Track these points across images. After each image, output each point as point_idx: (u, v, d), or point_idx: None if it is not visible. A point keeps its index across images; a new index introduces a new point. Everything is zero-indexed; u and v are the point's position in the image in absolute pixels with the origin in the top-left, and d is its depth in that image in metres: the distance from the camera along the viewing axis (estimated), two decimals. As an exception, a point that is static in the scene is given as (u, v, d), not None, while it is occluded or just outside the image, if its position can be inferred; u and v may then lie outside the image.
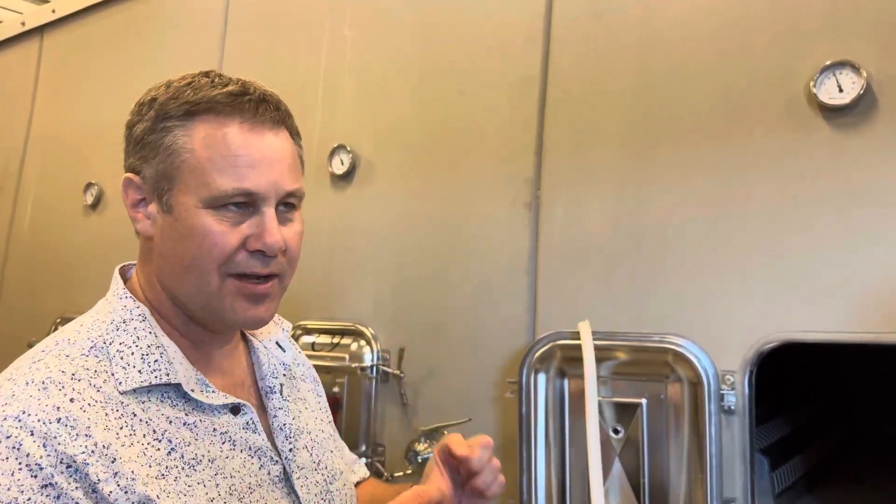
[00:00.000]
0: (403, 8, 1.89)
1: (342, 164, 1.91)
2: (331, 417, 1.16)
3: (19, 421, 0.78)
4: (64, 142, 2.75)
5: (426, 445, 1.65)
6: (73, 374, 0.84)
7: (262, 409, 0.99)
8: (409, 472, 1.65)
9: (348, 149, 1.90)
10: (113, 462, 0.80)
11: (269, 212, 0.89)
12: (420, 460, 1.63)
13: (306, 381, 1.12)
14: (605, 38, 1.58)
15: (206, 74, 0.91)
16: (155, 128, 0.88)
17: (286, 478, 0.95)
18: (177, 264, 0.88)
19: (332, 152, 1.92)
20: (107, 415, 0.83)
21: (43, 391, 0.81)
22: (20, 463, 0.76)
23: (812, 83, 1.31)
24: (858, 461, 2.04)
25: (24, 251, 2.83)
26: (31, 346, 2.51)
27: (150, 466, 0.83)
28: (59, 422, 0.79)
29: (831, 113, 1.31)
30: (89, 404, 0.82)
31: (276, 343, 1.07)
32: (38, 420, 0.78)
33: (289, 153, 0.92)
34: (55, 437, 0.78)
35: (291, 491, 0.95)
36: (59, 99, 2.82)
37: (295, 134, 0.96)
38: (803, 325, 1.31)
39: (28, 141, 2.89)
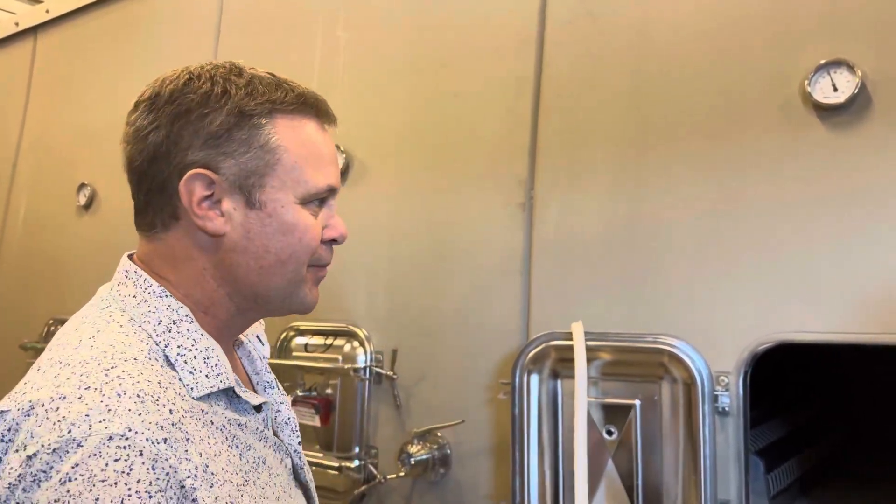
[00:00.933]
0: (397, 9, 1.89)
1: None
2: None
3: (126, 440, 0.70)
4: (58, 142, 2.73)
5: (419, 447, 1.64)
6: (160, 382, 0.78)
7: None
8: (402, 474, 1.64)
9: (342, 149, 1.89)
10: (212, 487, 0.76)
11: (334, 205, 0.95)
12: (413, 462, 1.62)
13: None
14: (599, 39, 1.58)
15: (242, 68, 0.91)
16: (241, 124, 0.86)
17: (295, 471, 0.96)
18: (271, 259, 0.88)
19: (326, 152, 1.91)
20: (195, 424, 0.79)
21: (141, 405, 0.74)
22: (129, 489, 0.69)
23: (807, 82, 1.31)
24: (856, 463, 2.04)
25: (16, 252, 2.81)
26: (24, 347, 2.51)
27: (237, 474, 0.81)
28: (165, 442, 0.73)
29: (826, 112, 1.30)
30: (183, 416, 0.77)
31: (257, 337, 1.07)
32: (147, 440, 0.72)
33: None
34: (166, 460, 0.72)
35: (299, 483, 0.97)
36: (53, 99, 2.81)
37: None
38: (798, 326, 1.30)
39: (21, 141, 2.88)
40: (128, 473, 0.69)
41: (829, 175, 1.30)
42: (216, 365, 0.85)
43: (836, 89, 1.28)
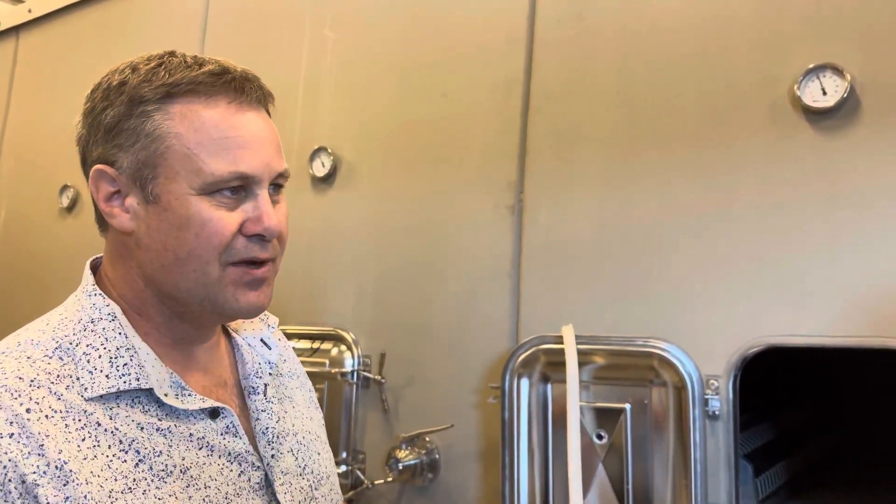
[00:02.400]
0: (385, 9, 1.87)
1: (323, 166, 1.89)
2: (321, 416, 1.10)
3: None
4: (40, 143, 2.70)
5: (407, 452, 1.62)
6: (33, 381, 0.78)
7: (245, 409, 0.94)
8: (389, 479, 1.63)
9: (329, 151, 1.88)
10: (66, 485, 0.74)
11: (264, 194, 0.85)
12: (401, 467, 1.60)
13: (294, 378, 1.07)
14: (588, 41, 1.57)
15: (173, 54, 0.86)
16: (131, 113, 0.82)
17: (268, 484, 0.90)
18: (170, 257, 0.83)
19: (313, 154, 1.90)
20: (67, 426, 0.77)
21: None
22: None
23: (796, 86, 1.31)
24: (844, 467, 2.04)
25: (-3, 255, 2.77)
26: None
27: (116, 480, 0.78)
28: (10, 437, 0.74)
29: (815, 116, 1.31)
30: (47, 416, 0.77)
31: (262, 340, 1.01)
32: None
33: (274, 133, 0.89)
34: (5, 453, 0.73)
35: (273, 498, 0.90)
36: (35, 99, 2.77)
37: (270, 115, 0.92)
38: (787, 330, 1.30)
39: (2, 142, 2.84)
40: None
41: (818, 178, 1.30)
42: (124, 365, 0.82)
43: (824, 93, 1.29)
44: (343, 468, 1.73)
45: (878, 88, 1.27)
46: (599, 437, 1.41)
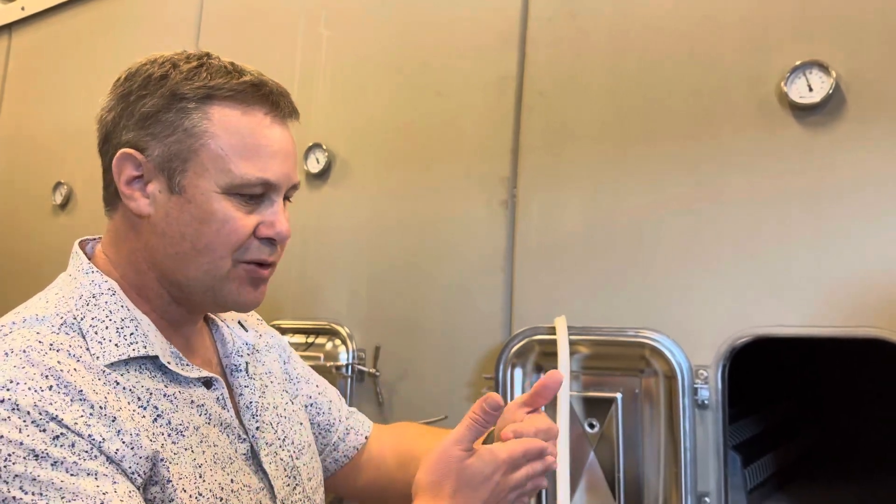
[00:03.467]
0: (379, 8, 1.90)
1: (318, 162, 1.90)
2: (308, 375, 1.17)
3: (7, 390, 0.74)
4: (33, 141, 2.70)
5: (402, 444, 1.64)
6: (52, 344, 0.81)
7: (229, 387, 0.98)
8: (384, 471, 1.64)
9: (324, 147, 1.90)
10: (114, 420, 0.78)
11: (280, 202, 0.91)
12: (395, 459, 1.62)
13: (271, 352, 1.12)
14: (580, 39, 1.60)
15: (210, 56, 0.91)
16: (170, 107, 0.87)
17: (254, 455, 0.95)
18: (186, 247, 0.87)
19: (308, 151, 1.91)
20: (93, 380, 0.81)
21: (26, 359, 0.78)
22: (24, 421, 0.73)
23: (783, 83, 1.34)
24: (832, 458, 2.08)
25: (-11, 252, 2.76)
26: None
27: (143, 430, 0.82)
28: (50, 389, 0.76)
29: (801, 112, 1.34)
30: (75, 369, 0.80)
31: (239, 323, 1.07)
32: (29, 388, 0.76)
33: (295, 147, 0.95)
34: (50, 404, 0.75)
35: (259, 468, 0.95)
36: (28, 97, 2.77)
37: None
38: (775, 320, 1.33)
39: (-5, 140, 2.84)
40: (17, 410, 0.74)
41: (805, 172, 1.33)
42: (130, 334, 0.86)
43: (811, 89, 1.32)
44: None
45: (862, 85, 1.30)
46: (591, 426, 1.43)
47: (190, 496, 0.83)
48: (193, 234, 0.87)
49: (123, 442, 0.78)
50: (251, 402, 0.98)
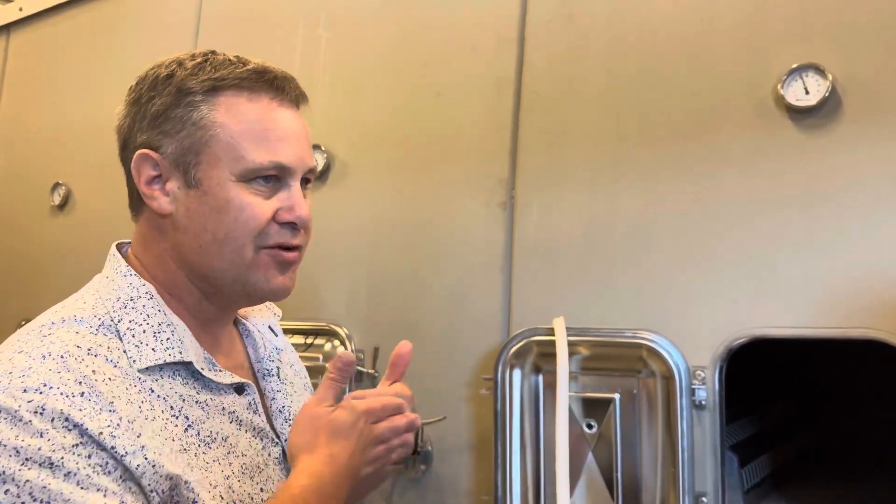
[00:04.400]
0: (378, 9, 1.90)
1: (316, 163, 1.91)
2: None
3: (41, 394, 0.75)
4: (31, 141, 2.70)
5: (400, 444, 1.64)
6: (90, 350, 0.82)
7: (259, 391, 0.99)
8: (382, 471, 1.65)
9: (323, 148, 1.90)
10: (139, 436, 0.78)
11: (297, 186, 0.92)
12: (394, 459, 1.62)
13: (290, 367, 1.13)
14: (578, 41, 1.61)
15: (215, 52, 0.92)
16: (178, 103, 0.88)
17: (285, 459, 0.95)
18: (208, 239, 0.88)
19: (307, 152, 1.91)
20: (127, 388, 0.81)
21: (62, 364, 0.78)
22: (46, 425, 0.74)
23: (780, 85, 1.35)
24: (828, 458, 2.09)
25: (-13, 253, 2.76)
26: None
27: (173, 441, 0.82)
28: (82, 396, 0.77)
29: (798, 114, 1.35)
30: (110, 378, 0.81)
31: (269, 327, 1.07)
32: (61, 393, 0.76)
33: (307, 131, 0.96)
34: (80, 410, 0.76)
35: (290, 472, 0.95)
36: (26, 98, 2.77)
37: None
38: (772, 321, 1.33)
39: (-7, 140, 2.84)
40: (41, 414, 0.74)
41: (801, 174, 1.34)
42: (167, 339, 0.87)
43: (807, 92, 1.33)
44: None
45: (858, 88, 1.31)
46: (589, 426, 1.44)
47: None
48: (214, 224, 0.88)
49: (146, 458, 0.78)
50: (284, 407, 0.99)
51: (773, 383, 2.17)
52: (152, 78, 0.91)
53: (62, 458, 0.73)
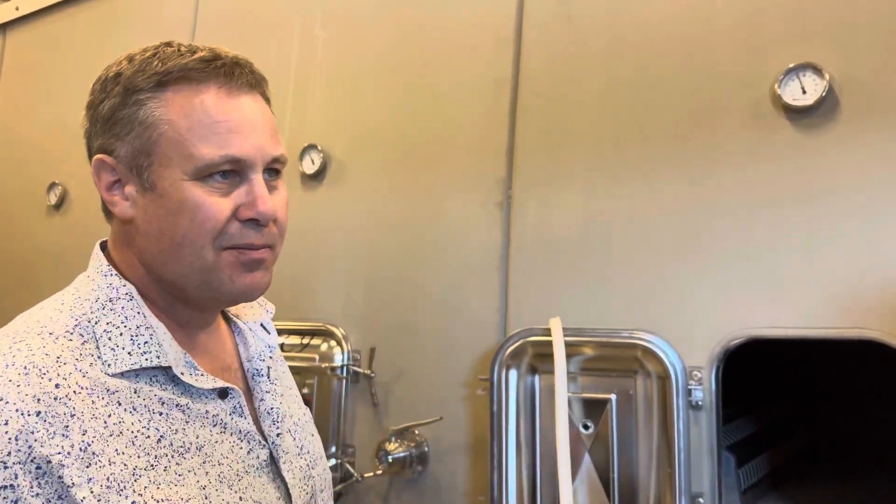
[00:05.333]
0: (375, 9, 1.90)
1: (313, 163, 1.90)
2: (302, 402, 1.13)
3: None
4: (27, 141, 2.69)
5: (397, 445, 1.64)
6: (59, 357, 0.79)
7: (248, 391, 0.95)
8: (379, 472, 1.64)
9: (319, 148, 1.90)
10: (88, 467, 0.75)
11: (258, 178, 0.85)
12: (391, 460, 1.62)
13: (282, 364, 1.10)
14: (575, 41, 1.61)
15: (169, 44, 0.88)
16: (126, 102, 0.84)
17: (273, 462, 0.92)
18: (166, 243, 0.84)
19: (303, 152, 1.91)
20: (93, 402, 0.78)
21: (24, 377, 0.75)
22: None
23: (777, 85, 1.34)
24: (825, 458, 2.08)
25: (-17, 253, 2.75)
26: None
27: (139, 457, 0.79)
28: (38, 415, 0.74)
29: (795, 114, 1.34)
30: (75, 391, 0.77)
31: (262, 325, 1.03)
32: (17, 410, 0.73)
33: (269, 117, 0.89)
34: (32, 433, 0.73)
35: (278, 476, 0.92)
36: (23, 97, 2.77)
37: (268, 100, 0.93)
38: (768, 322, 1.33)
39: (-11, 140, 2.83)
40: None
41: (798, 174, 1.34)
42: (145, 343, 0.83)
43: (804, 92, 1.33)
44: (333, 462, 1.75)
45: (855, 87, 1.31)
46: (586, 427, 1.44)
47: None
48: (170, 228, 0.83)
49: (92, 492, 0.75)
50: (272, 408, 0.95)
51: (771, 383, 2.17)
52: (103, 79, 0.87)
53: None
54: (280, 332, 1.88)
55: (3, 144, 2.79)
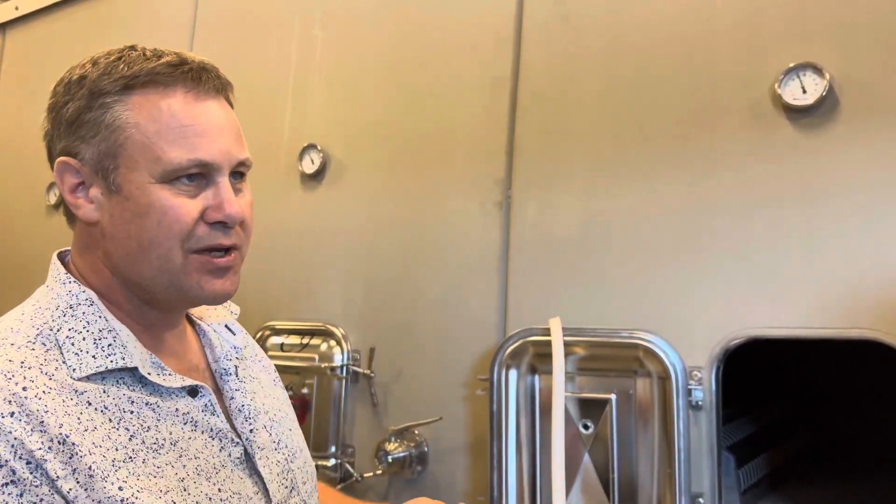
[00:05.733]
0: (374, 8, 1.90)
1: (313, 163, 1.90)
2: (286, 395, 1.14)
3: None
4: (27, 140, 2.68)
5: (396, 445, 1.64)
6: (23, 362, 0.79)
7: (218, 391, 0.96)
8: (378, 472, 1.64)
9: (319, 148, 1.89)
10: (70, 458, 0.76)
11: (224, 182, 0.86)
12: (390, 460, 1.62)
13: (257, 362, 1.10)
14: (575, 41, 1.60)
15: (133, 48, 0.88)
16: (91, 105, 0.84)
17: (248, 459, 0.93)
18: (133, 246, 0.85)
19: (303, 151, 1.91)
20: (63, 401, 0.79)
21: None
22: None
23: (777, 85, 1.34)
24: (825, 458, 2.08)
25: (-18, 253, 2.75)
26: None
27: (117, 450, 0.80)
28: (12, 416, 0.75)
29: (795, 114, 1.34)
30: (44, 391, 0.78)
31: (226, 326, 1.04)
32: None
33: (234, 121, 0.90)
34: (10, 432, 0.74)
35: (254, 471, 0.93)
36: (22, 97, 2.76)
37: (231, 105, 0.93)
38: (768, 322, 1.33)
39: (-11, 140, 2.83)
40: None
41: (799, 174, 1.33)
42: (108, 346, 0.84)
43: (804, 91, 1.32)
44: (332, 461, 1.75)
45: (855, 87, 1.31)
46: (585, 427, 1.44)
47: None
48: (137, 231, 0.84)
49: (78, 482, 0.76)
50: (243, 406, 0.96)
51: (771, 383, 2.17)
52: (66, 81, 0.88)
53: None
54: (279, 331, 1.89)
55: (2, 144, 2.79)
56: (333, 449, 1.76)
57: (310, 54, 1.98)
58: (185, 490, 0.83)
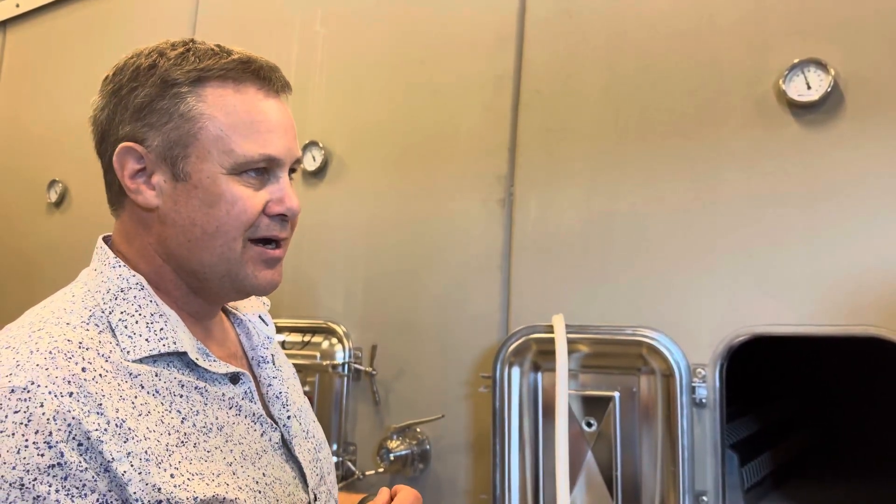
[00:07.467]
0: (376, 6, 1.89)
1: (314, 160, 1.90)
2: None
3: (27, 392, 0.74)
4: (27, 138, 2.68)
5: (398, 443, 1.63)
6: (81, 343, 0.80)
7: (255, 379, 0.98)
8: (380, 470, 1.64)
9: (321, 145, 1.89)
10: (126, 442, 0.77)
11: (285, 177, 0.91)
12: (392, 458, 1.62)
13: (281, 354, 1.12)
14: (577, 37, 1.60)
15: (194, 42, 0.90)
16: (163, 94, 0.86)
17: (285, 444, 0.95)
18: (198, 233, 0.87)
19: (305, 148, 1.91)
20: (119, 385, 0.80)
21: (51, 360, 0.77)
22: (27, 440, 0.72)
23: (781, 80, 1.33)
24: (829, 456, 2.08)
25: (-17, 251, 2.75)
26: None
27: (170, 434, 0.81)
28: (70, 396, 0.75)
29: (800, 110, 1.33)
30: (101, 374, 0.79)
31: (259, 317, 1.06)
32: (49, 392, 0.74)
33: (293, 120, 0.94)
34: (69, 411, 0.75)
35: (290, 457, 0.95)
36: (23, 94, 2.76)
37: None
38: (772, 319, 1.32)
39: (-11, 138, 2.82)
40: (26, 424, 0.73)
41: (803, 170, 1.33)
42: (161, 330, 0.86)
43: (809, 87, 1.32)
44: (334, 459, 1.74)
45: (860, 83, 1.30)
46: (589, 424, 1.43)
47: (229, 492, 0.83)
48: (203, 218, 0.86)
49: (132, 465, 0.77)
50: (280, 393, 0.98)
51: (775, 381, 2.16)
52: (133, 68, 0.88)
53: (34, 479, 0.72)
54: (281, 329, 1.88)
55: (3, 142, 2.78)
56: (335, 447, 1.76)
57: (311, 52, 1.97)
58: (234, 474, 0.85)
